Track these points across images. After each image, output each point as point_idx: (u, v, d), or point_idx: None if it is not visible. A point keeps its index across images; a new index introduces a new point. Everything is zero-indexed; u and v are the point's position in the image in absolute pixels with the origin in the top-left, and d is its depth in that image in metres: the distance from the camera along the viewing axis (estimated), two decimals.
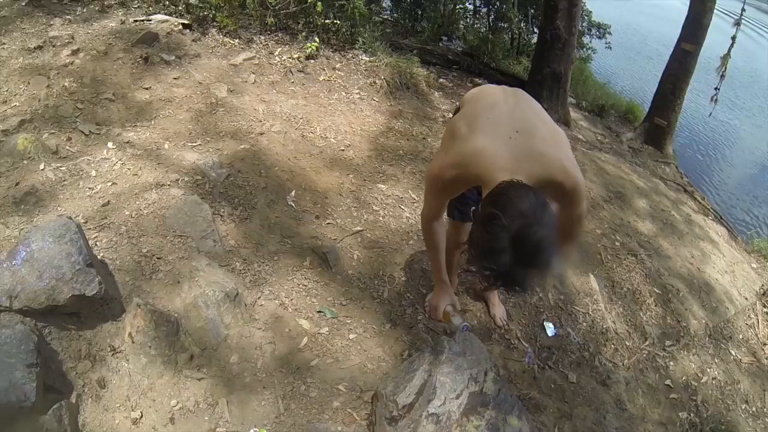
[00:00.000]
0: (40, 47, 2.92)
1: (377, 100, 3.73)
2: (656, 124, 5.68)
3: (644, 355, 2.55)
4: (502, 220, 1.10)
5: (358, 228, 2.55)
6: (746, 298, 3.30)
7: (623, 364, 2.45)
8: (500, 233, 1.10)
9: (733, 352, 2.85)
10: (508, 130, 1.36)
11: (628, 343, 2.58)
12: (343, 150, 3.09)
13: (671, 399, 2.39)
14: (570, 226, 1.55)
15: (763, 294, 3.43)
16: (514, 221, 1.09)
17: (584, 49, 7.23)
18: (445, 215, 1.77)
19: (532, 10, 6.78)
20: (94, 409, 1.54)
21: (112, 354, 1.66)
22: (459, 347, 1.64)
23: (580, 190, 1.40)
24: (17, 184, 2.11)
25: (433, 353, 1.63)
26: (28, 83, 2.65)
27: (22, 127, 2.36)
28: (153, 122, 2.72)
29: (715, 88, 5.68)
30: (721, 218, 4.54)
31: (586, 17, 7.04)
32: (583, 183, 1.40)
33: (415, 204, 2.85)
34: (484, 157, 1.33)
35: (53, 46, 2.96)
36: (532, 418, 1.81)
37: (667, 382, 2.46)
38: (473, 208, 1.24)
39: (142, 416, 1.56)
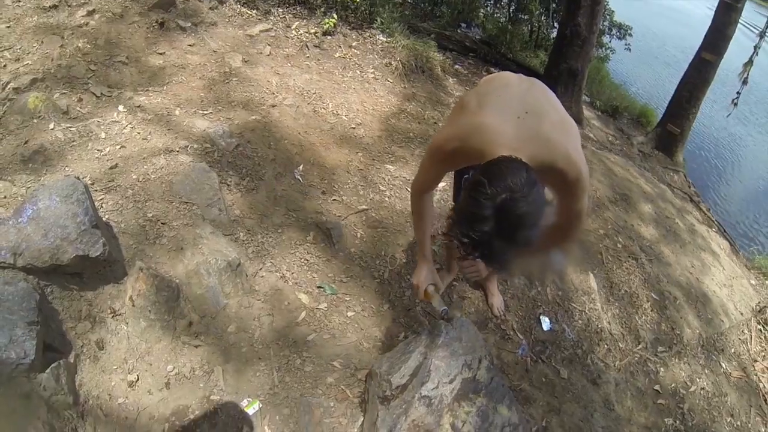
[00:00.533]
0: (55, 6, 2.89)
1: (391, 81, 3.70)
2: (669, 130, 5.64)
3: (636, 359, 2.57)
4: (488, 188, 1.07)
5: (364, 207, 2.55)
6: (742, 313, 3.31)
7: (615, 365, 2.47)
8: (484, 201, 1.07)
9: (723, 365, 2.87)
10: (517, 109, 1.33)
11: (621, 345, 2.59)
12: (353, 128, 3.07)
13: (659, 404, 2.41)
14: (569, 220, 1.51)
15: (759, 311, 3.44)
16: (500, 191, 1.07)
17: (603, 49, 7.14)
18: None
19: (554, 4, 6.68)
20: (92, 369, 1.55)
21: (112, 316, 1.67)
22: (456, 332, 1.64)
23: (582, 182, 1.35)
24: (26, 142, 2.10)
25: (429, 336, 1.64)
26: (42, 42, 2.63)
27: (33, 86, 2.34)
28: (165, 88, 2.70)
29: (737, 93, 5.62)
30: (725, 231, 4.54)
31: (608, 16, 6.95)
32: (587, 176, 1.36)
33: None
34: (488, 132, 1.30)
35: (68, 6, 2.93)
36: (521, 409, 1.83)
37: (656, 387, 2.48)
38: (465, 175, 1.21)
39: (138, 379, 1.58)
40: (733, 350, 3.02)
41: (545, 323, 2.41)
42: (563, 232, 1.56)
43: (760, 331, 3.31)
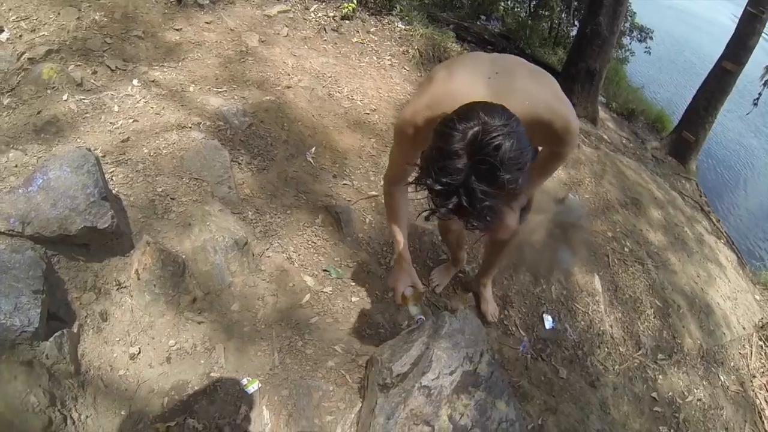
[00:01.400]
0: None
1: (407, 69, 3.67)
2: (683, 137, 5.59)
3: (635, 364, 2.56)
4: (457, 122, 0.95)
5: (374, 193, 2.54)
6: (744, 328, 3.30)
7: (614, 369, 2.46)
8: (455, 134, 0.94)
9: (722, 378, 2.86)
10: (486, 71, 1.24)
11: (621, 350, 2.59)
12: (368, 113, 3.05)
13: (654, 412, 2.41)
14: (547, 160, 1.43)
15: (762, 327, 3.43)
16: (472, 124, 0.94)
17: (623, 50, 7.08)
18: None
19: (576, 2, 6.61)
20: (94, 340, 1.56)
21: (117, 288, 1.67)
22: (459, 324, 1.64)
23: (571, 131, 1.26)
24: (39, 112, 2.09)
25: (433, 326, 1.63)
26: (59, 14, 2.60)
27: (48, 57, 2.32)
28: (180, 64, 2.69)
29: (759, 94, 5.57)
30: (733, 244, 4.51)
31: (629, 18, 6.87)
32: (577, 125, 1.27)
33: None
34: (459, 96, 1.15)
35: None
36: (519, 406, 1.83)
37: (653, 394, 2.48)
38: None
39: (139, 352, 1.58)
40: (732, 364, 3.01)
41: (548, 321, 2.41)
42: (539, 170, 1.50)
43: (761, 347, 3.31)
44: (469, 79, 1.23)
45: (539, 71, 1.32)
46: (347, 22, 3.71)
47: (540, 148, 1.52)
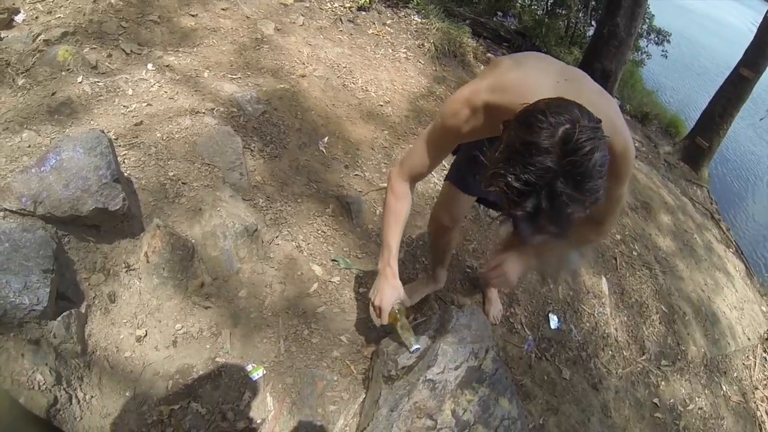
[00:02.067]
0: None
1: (422, 62, 3.65)
2: (697, 143, 5.53)
3: (638, 369, 2.55)
4: (548, 115, 0.85)
5: (385, 184, 2.53)
6: (749, 339, 3.28)
7: (617, 373, 2.45)
8: (544, 127, 0.84)
9: (724, 388, 2.85)
10: (556, 74, 1.15)
11: (625, 353, 2.58)
12: (381, 105, 3.05)
13: (655, 417, 2.40)
14: (608, 205, 1.23)
15: (767, 339, 3.41)
16: (563, 120, 0.85)
17: (639, 53, 7.00)
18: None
19: (594, 2, 6.54)
20: (102, 321, 1.56)
21: (126, 271, 1.68)
22: (466, 319, 1.64)
23: (629, 156, 1.15)
24: (53, 94, 2.10)
25: (440, 321, 1.63)
26: None
27: (64, 39, 2.33)
28: (195, 49, 2.69)
29: None
30: (742, 254, 4.47)
31: (647, 20, 6.79)
32: (633, 151, 1.17)
33: (444, 171, 2.79)
34: (528, 86, 1.09)
35: None
36: (521, 404, 1.83)
37: (655, 400, 2.47)
38: (504, 121, 0.95)
39: (146, 335, 1.59)
40: (735, 374, 3.00)
41: (553, 321, 2.40)
42: (599, 220, 1.33)
43: (765, 359, 3.29)
44: (539, 76, 1.14)
45: (605, 91, 1.24)
46: (363, 13, 3.69)
47: None
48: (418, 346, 1.52)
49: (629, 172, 1.21)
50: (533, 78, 1.13)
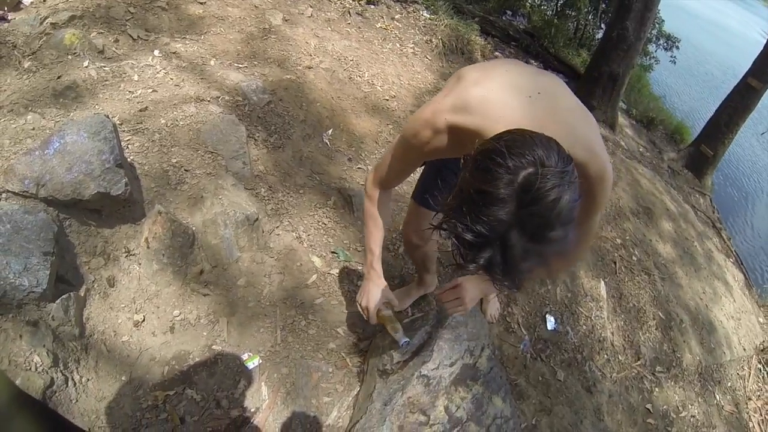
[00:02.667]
0: None
1: (430, 58, 3.65)
2: (702, 151, 5.51)
3: (633, 374, 2.56)
4: (508, 157, 0.74)
5: None
6: (745, 349, 3.28)
7: (611, 377, 2.46)
8: (503, 176, 0.74)
9: (717, 397, 2.85)
10: (527, 88, 1.03)
11: (620, 358, 2.58)
12: (387, 100, 3.05)
13: (647, 423, 2.40)
14: (580, 232, 1.07)
15: (762, 350, 3.41)
16: (525, 163, 0.74)
17: (647, 57, 6.96)
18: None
19: (604, 4, 6.51)
20: (100, 305, 1.57)
21: (126, 256, 1.68)
22: (463, 317, 1.64)
23: (606, 179, 1.04)
24: (59, 77, 2.10)
25: (437, 317, 1.63)
26: None
27: (71, 23, 2.33)
28: (202, 37, 2.68)
29: None
30: (742, 264, 4.47)
31: (657, 25, 6.75)
32: (611, 175, 1.06)
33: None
34: (494, 106, 0.99)
35: None
36: (515, 403, 1.83)
37: (648, 406, 2.47)
38: (464, 155, 0.84)
39: (144, 320, 1.60)
40: (729, 384, 3.00)
41: (550, 322, 2.40)
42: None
43: (760, 370, 3.29)
44: (507, 92, 1.03)
45: (584, 108, 1.13)
46: (372, 6, 3.68)
47: None
48: (406, 339, 1.52)
49: (604, 199, 1.10)
50: (501, 95, 1.02)
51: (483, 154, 0.78)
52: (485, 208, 0.75)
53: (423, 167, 1.57)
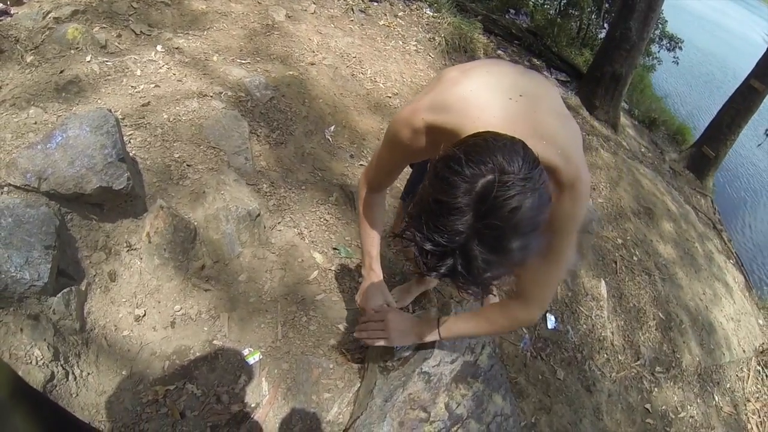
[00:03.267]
0: None
1: (432, 56, 3.64)
2: (703, 152, 5.52)
3: (632, 374, 2.56)
4: (465, 164, 0.73)
5: None
6: (744, 351, 3.29)
7: (610, 376, 2.46)
8: (460, 183, 0.72)
9: (716, 398, 2.86)
10: (509, 90, 1.00)
11: (620, 357, 2.58)
12: (389, 97, 3.05)
13: (646, 423, 2.41)
14: (535, 266, 1.04)
15: (762, 352, 3.42)
16: (484, 170, 0.72)
17: (650, 58, 6.95)
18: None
19: (607, 4, 6.50)
20: (101, 299, 1.57)
21: (128, 250, 1.67)
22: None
23: (577, 189, 0.99)
24: (61, 72, 2.09)
25: (438, 313, 1.63)
26: None
27: (74, 17, 2.32)
28: (205, 33, 2.68)
29: None
30: (742, 265, 4.48)
31: (660, 25, 6.75)
32: (586, 183, 1.00)
33: None
34: (472, 106, 0.97)
35: None
36: (515, 402, 1.83)
37: (647, 406, 2.47)
38: (430, 161, 0.83)
39: (145, 315, 1.60)
40: (728, 385, 3.01)
41: (550, 321, 2.40)
42: (521, 292, 1.19)
43: (759, 372, 3.29)
44: (487, 92, 1.00)
45: (567, 114, 1.09)
46: (375, 4, 3.68)
47: None
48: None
49: (576, 209, 1.02)
50: (481, 94, 0.99)
51: (442, 161, 0.77)
52: (443, 219, 0.73)
53: (412, 169, 1.58)
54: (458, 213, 0.72)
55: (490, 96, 0.98)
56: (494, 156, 0.73)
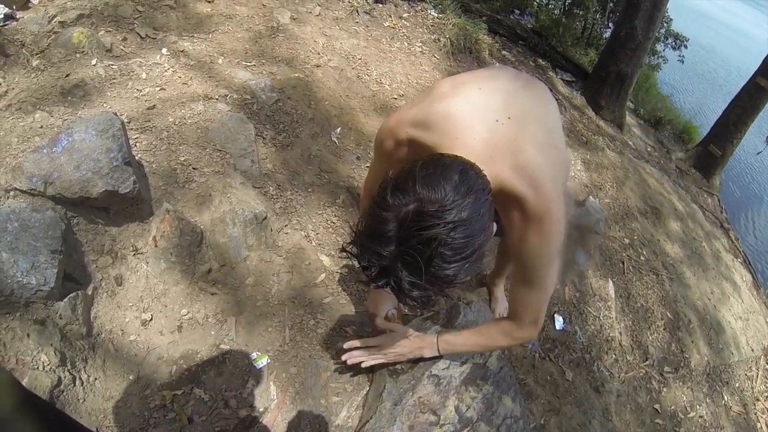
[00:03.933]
0: None
1: (438, 57, 3.63)
2: (710, 151, 5.48)
3: (641, 374, 2.54)
4: (390, 194, 0.78)
5: None
6: (753, 350, 3.26)
7: (619, 377, 2.44)
8: (386, 213, 0.78)
9: (725, 398, 2.84)
10: (498, 111, 0.99)
11: (629, 358, 2.57)
12: (395, 98, 3.04)
13: (656, 423, 2.39)
14: (514, 294, 1.14)
15: None
16: (406, 201, 0.77)
17: (655, 57, 6.92)
18: None
19: (612, 4, 6.47)
20: (108, 304, 1.56)
21: (134, 254, 1.67)
22: (473, 315, 1.63)
23: (545, 223, 0.96)
24: (67, 75, 2.09)
25: (447, 316, 1.62)
26: None
27: (79, 21, 2.33)
28: (210, 36, 2.68)
29: None
30: (750, 264, 4.44)
31: (665, 24, 6.71)
32: (557, 218, 0.97)
33: None
34: (454, 125, 0.97)
35: None
36: (524, 403, 1.82)
37: (656, 406, 2.46)
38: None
39: (151, 319, 1.59)
40: (737, 385, 2.98)
41: (558, 322, 2.39)
42: (511, 317, 1.24)
43: None
44: (472, 112, 0.99)
45: (555, 144, 1.07)
46: (380, 5, 3.68)
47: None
48: None
49: (545, 253, 1.00)
50: (465, 114, 0.98)
51: (380, 188, 0.82)
52: (370, 242, 0.80)
53: None
54: (382, 239, 0.78)
55: (475, 117, 0.98)
56: (415, 186, 0.78)
